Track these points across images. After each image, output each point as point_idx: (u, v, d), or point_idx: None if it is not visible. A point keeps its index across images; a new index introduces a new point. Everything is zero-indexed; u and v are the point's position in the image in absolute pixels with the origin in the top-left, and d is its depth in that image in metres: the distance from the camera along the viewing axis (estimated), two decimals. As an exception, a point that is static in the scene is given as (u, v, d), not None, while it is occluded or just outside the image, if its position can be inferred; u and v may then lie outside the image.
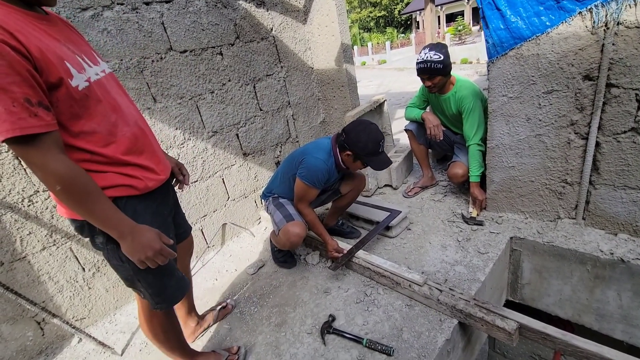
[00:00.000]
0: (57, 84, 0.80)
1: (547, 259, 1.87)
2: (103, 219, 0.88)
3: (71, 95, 0.83)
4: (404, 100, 7.01)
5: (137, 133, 1.02)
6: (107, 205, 0.89)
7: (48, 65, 0.77)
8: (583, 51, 1.52)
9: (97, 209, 0.86)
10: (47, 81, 0.78)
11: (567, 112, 1.66)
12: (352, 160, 1.79)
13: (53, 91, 0.80)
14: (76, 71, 0.86)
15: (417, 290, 1.60)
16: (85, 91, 0.87)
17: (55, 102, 0.81)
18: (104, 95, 0.94)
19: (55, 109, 0.81)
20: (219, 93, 2.26)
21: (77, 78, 0.85)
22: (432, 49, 2.09)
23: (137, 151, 1.01)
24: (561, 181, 1.82)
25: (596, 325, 1.85)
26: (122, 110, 0.99)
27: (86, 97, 0.88)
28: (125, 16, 1.79)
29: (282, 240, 1.85)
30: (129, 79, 1.85)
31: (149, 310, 1.18)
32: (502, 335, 1.37)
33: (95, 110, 0.90)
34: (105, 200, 0.89)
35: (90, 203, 0.85)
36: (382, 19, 35.97)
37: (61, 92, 0.81)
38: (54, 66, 0.79)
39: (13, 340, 1.68)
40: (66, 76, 0.82)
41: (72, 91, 0.83)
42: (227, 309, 1.79)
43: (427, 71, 2.10)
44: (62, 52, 0.84)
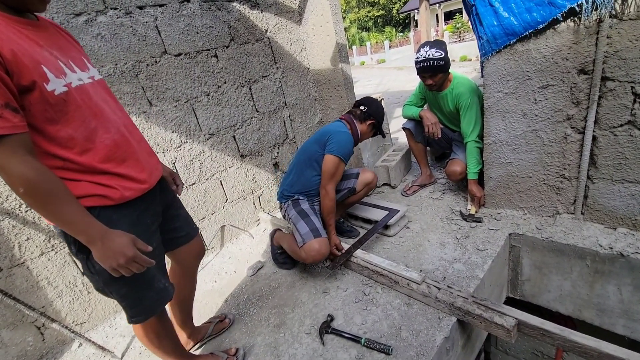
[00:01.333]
0: (30, 87, 0.80)
1: (547, 255, 1.86)
2: (69, 222, 0.85)
3: (45, 99, 0.83)
4: (403, 99, 7.00)
5: (118, 140, 1.00)
6: (75, 208, 0.85)
7: (20, 68, 0.77)
8: (577, 45, 1.51)
9: (63, 212, 0.84)
10: (18, 84, 0.77)
11: (563, 107, 1.65)
12: (370, 130, 2.05)
13: (26, 94, 0.79)
14: (54, 76, 0.85)
15: (416, 288, 1.59)
16: (62, 96, 0.86)
17: (27, 105, 0.80)
18: (85, 101, 0.93)
19: (28, 113, 0.81)
20: (215, 95, 2.26)
21: (53, 82, 0.85)
22: (432, 46, 2.06)
23: (117, 159, 0.99)
24: (559, 176, 1.81)
25: (597, 320, 1.84)
26: (105, 117, 0.98)
27: (63, 102, 0.87)
28: (119, 21, 1.80)
29: (301, 255, 1.78)
30: (124, 84, 1.85)
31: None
32: (500, 332, 1.36)
33: (74, 116, 0.89)
34: (73, 203, 0.86)
35: (55, 206, 0.82)
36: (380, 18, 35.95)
37: (34, 96, 0.81)
38: (27, 69, 0.79)
39: (13, 345, 1.69)
40: (41, 80, 0.81)
41: (46, 95, 0.83)
42: (224, 323, 1.71)
43: (429, 69, 2.07)
44: (41, 57, 0.84)
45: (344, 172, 2.15)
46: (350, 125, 1.99)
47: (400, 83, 10.24)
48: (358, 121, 2.01)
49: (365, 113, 2.00)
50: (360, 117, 2.01)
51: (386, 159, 2.88)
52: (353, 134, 1.97)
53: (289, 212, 1.94)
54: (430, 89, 2.22)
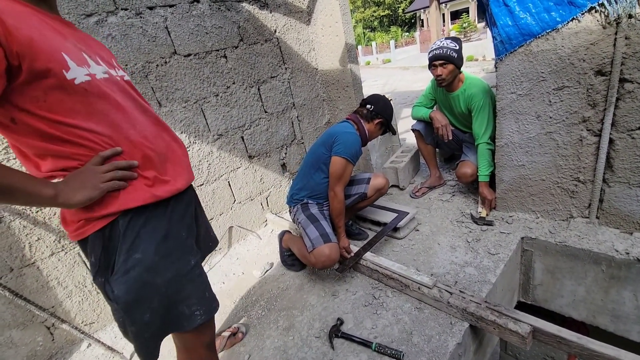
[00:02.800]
0: (44, 73, 0.75)
1: (560, 259, 1.83)
2: (14, 189, 0.73)
3: (63, 87, 0.78)
4: (410, 100, 6.96)
5: (146, 138, 0.94)
6: (16, 173, 0.75)
7: (35, 53, 0.73)
8: (595, 46, 1.48)
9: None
10: (31, 68, 0.73)
11: (579, 109, 1.62)
12: (378, 129, 2.00)
13: (39, 80, 0.75)
14: (75, 64, 0.81)
15: (427, 292, 1.57)
16: (84, 85, 0.82)
17: (42, 95, 0.76)
18: (110, 94, 0.88)
19: (43, 104, 0.76)
20: (224, 96, 2.26)
21: (74, 71, 0.80)
22: (447, 38, 2.10)
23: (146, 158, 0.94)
24: (573, 179, 1.78)
25: (611, 326, 1.80)
26: (130, 113, 0.92)
27: (85, 91, 0.82)
28: (129, 21, 1.79)
29: (311, 260, 1.76)
30: (134, 84, 1.85)
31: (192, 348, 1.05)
32: (515, 339, 1.33)
33: (96, 107, 0.84)
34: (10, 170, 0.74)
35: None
36: (386, 18, 35.83)
37: (49, 82, 0.76)
38: (44, 55, 0.75)
39: (23, 345, 1.69)
40: (59, 67, 0.77)
41: (65, 83, 0.78)
42: (236, 338, 1.64)
43: (441, 57, 2.05)
44: (62, 45, 0.80)
45: (355, 177, 2.13)
46: (357, 125, 1.96)
47: (406, 83, 10.19)
48: (365, 121, 1.96)
49: (371, 112, 1.95)
50: (367, 116, 1.96)
51: (394, 160, 2.85)
52: (360, 134, 1.94)
53: (298, 216, 1.93)
54: (439, 83, 2.16)
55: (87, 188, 0.81)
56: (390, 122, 2.01)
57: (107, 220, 0.86)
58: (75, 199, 0.80)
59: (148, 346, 0.93)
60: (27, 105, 0.75)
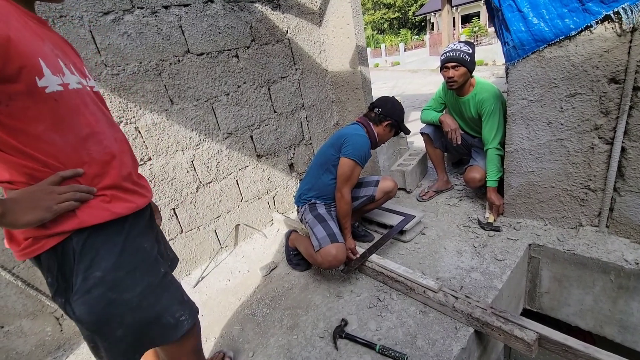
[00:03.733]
0: (13, 77, 0.69)
1: (568, 268, 1.81)
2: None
3: (31, 95, 0.72)
4: (419, 103, 6.94)
5: (109, 154, 0.89)
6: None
7: (11, 55, 0.68)
8: (609, 53, 1.47)
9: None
10: (1, 71, 0.67)
11: (591, 116, 1.61)
12: (389, 131, 1.97)
13: (5, 85, 0.69)
14: (50, 72, 0.76)
15: (432, 296, 1.57)
16: (54, 95, 0.76)
17: (4, 99, 0.69)
18: (80, 106, 0.83)
19: (4, 107, 0.69)
20: (234, 95, 2.28)
21: (48, 79, 0.75)
22: (461, 42, 2.10)
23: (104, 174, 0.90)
24: (583, 187, 1.76)
25: (619, 337, 1.78)
26: (100, 128, 0.88)
27: (54, 102, 0.76)
28: (144, 20, 1.82)
29: (317, 259, 1.76)
30: (147, 82, 1.88)
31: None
32: (520, 346, 1.32)
33: (64, 119, 0.79)
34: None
35: None
36: (395, 20, 35.76)
37: (16, 88, 0.70)
38: (18, 58, 0.69)
39: (33, 335, 1.73)
40: (33, 73, 0.72)
41: (34, 91, 0.72)
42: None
43: (454, 59, 2.05)
44: (39, 49, 0.75)
45: (363, 179, 2.14)
46: (366, 128, 1.96)
47: (415, 86, 10.15)
48: (374, 124, 1.96)
49: (380, 115, 1.94)
50: (376, 119, 1.95)
51: (402, 164, 2.85)
52: (370, 137, 1.94)
53: (305, 216, 1.94)
54: (450, 86, 2.15)
55: (38, 209, 0.74)
56: (401, 122, 1.99)
57: (59, 238, 0.80)
58: (24, 219, 0.73)
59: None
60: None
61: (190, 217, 2.22)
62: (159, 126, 1.97)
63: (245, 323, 1.76)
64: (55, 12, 1.56)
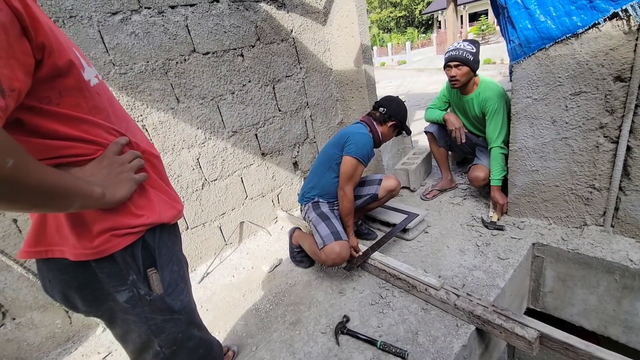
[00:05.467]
0: (64, 71, 0.62)
1: (572, 267, 1.80)
2: (70, 185, 0.60)
3: (81, 90, 0.66)
4: (424, 102, 6.90)
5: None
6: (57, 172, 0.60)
7: (58, 45, 0.60)
8: (614, 51, 1.46)
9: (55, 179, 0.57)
10: (54, 65, 0.60)
11: (596, 115, 1.60)
12: (392, 131, 2.00)
13: (57, 80, 0.61)
14: (86, 63, 0.69)
15: (434, 294, 1.58)
16: (96, 89, 0.70)
17: (55, 97, 0.62)
18: (111, 100, 0.79)
19: (56, 106, 0.62)
20: (239, 94, 2.30)
21: (88, 71, 0.68)
22: (465, 40, 2.11)
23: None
24: (588, 186, 1.75)
25: (623, 337, 1.77)
26: (129, 120, 0.85)
27: (98, 96, 0.71)
28: (152, 19, 1.86)
29: (321, 257, 1.77)
30: (154, 80, 1.91)
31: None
32: (521, 344, 1.33)
33: (108, 115, 0.74)
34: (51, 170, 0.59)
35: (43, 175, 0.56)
36: (402, 19, 35.55)
37: (68, 83, 0.63)
38: (63, 49, 0.61)
39: (43, 327, 1.78)
40: (77, 64, 0.65)
41: (83, 85, 0.66)
42: (227, 357, 1.54)
43: (456, 58, 2.06)
44: (69, 40, 0.68)
45: (366, 178, 2.15)
46: (370, 127, 1.97)
47: (421, 85, 10.10)
48: (378, 123, 1.97)
49: (384, 115, 1.95)
50: (380, 119, 1.97)
51: (406, 162, 2.85)
52: (373, 136, 1.95)
53: (309, 214, 1.96)
54: (453, 84, 2.16)
55: (123, 181, 0.70)
56: (404, 123, 2.01)
57: (141, 232, 0.77)
58: (119, 195, 0.70)
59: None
60: (35, 103, 0.60)
61: (196, 214, 2.25)
62: (166, 124, 2.01)
63: (248, 318, 1.79)
64: (65, 13, 1.60)
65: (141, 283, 0.78)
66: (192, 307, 0.93)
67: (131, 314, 0.79)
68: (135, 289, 0.77)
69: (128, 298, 0.77)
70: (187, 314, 0.89)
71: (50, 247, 0.72)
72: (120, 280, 0.76)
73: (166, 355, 0.87)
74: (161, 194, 0.84)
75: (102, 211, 0.71)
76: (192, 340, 0.92)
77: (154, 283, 0.80)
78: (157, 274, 0.80)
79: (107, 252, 0.72)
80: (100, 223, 0.71)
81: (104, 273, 0.74)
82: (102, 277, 0.74)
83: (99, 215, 0.71)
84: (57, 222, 0.71)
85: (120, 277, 0.75)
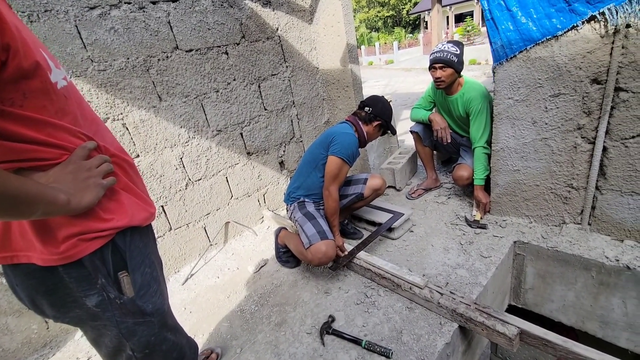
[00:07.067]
0: (30, 73, 0.61)
1: (551, 264, 1.85)
2: (32, 191, 0.58)
3: (47, 93, 0.64)
4: (410, 101, 6.97)
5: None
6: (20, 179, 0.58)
7: (25, 47, 0.59)
8: (591, 54, 1.50)
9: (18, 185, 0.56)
10: (19, 67, 0.58)
11: (574, 116, 1.64)
12: (377, 130, 2.01)
13: (21, 82, 0.60)
14: (54, 64, 0.67)
15: (418, 292, 1.59)
16: (63, 91, 0.68)
17: (19, 99, 0.60)
18: (81, 103, 0.77)
19: (19, 108, 0.60)
20: (224, 92, 2.27)
21: (55, 73, 0.66)
22: (449, 42, 2.13)
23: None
24: (567, 186, 1.80)
25: (600, 332, 1.83)
26: (98, 123, 0.82)
27: (65, 99, 0.68)
28: (132, 15, 1.81)
29: (307, 256, 1.76)
30: (135, 78, 1.86)
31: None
32: (502, 341, 1.35)
33: (75, 119, 0.71)
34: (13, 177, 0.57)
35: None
36: (390, 18, 35.79)
37: (33, 85, 0.62)
38: (29, 50, 0.60)
39: (19, 332, 1.71)
40: (44, 66, 0.64)
41: (49, 87, 0.64)
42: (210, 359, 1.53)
43: (440, 60, 2.08)
44: (37, 40, 0.67)
45: (352, 177, 2.15)
46: (355, 127, 1.97)
47: (408, 85, 10.19)
48: (363, 123, 1.97)
49: (370, 114, 1.95)
50: (365, 118, 1.97)
51: (392, 162, 2.87)
52: (359, 136, 1.95)
53: (295, 214, 1.95)
54: (437, 85, 2.19)
55: (90, 187, 0.68)
56: (389, 123, 2.02)
57: (110, 235, 0.75)
58: (85, 201, 0.67)
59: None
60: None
61: (179, 215, 2.21)
62: (147, 123, 1.96)
63: (233, 320, 1.77)
64: (40, 7, 1.54)
65: (111, 287, 0.76)
66: (165, 310, 0.91)
67: (101, 318, 0.78)
68: (105, 292, 0.76)
69: (97, 302, 0.76)
70: (159, 317, 0.87)
71: (15, 252, 0.70)
72: (89, 285, 0.74)
73: (138, 358, 0.86)
74: (132, 196, 0.83)
75: (67, 216, 0.68)
76: (165, 343, 0.90)
77: (125, 286, 0.78)
78: (128, 277, 0.78)
79: (74, 257, 0.70)
80: (66, 228, 0.69)
81: (72, 278, 0.72)
82: (70, 282, 0.72)
83: (64, 220, 0.68)
84: (21, 228, 0.69)
85: (89, 282, 0.74)
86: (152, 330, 0.86)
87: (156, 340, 0.88)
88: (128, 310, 0.80)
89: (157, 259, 0.93)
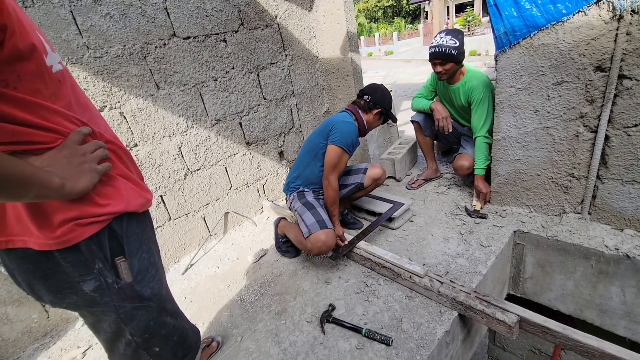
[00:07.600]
0: (26, 55, 0.60)
1: (551, 254, 1.86)
2: (28, 174, 0.58)
3: (41, 76, 0.64)
4: (410, 92, 6.92)
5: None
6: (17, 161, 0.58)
7: (21, 28, 0.59)
8: (595, 41, 1.47)
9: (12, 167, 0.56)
10: (14, 47, 0.58)
11: (577, 104, 1.62)
12: (378, 119, 1.99)
13: (17, 64, 0.59)
14: (50, 48, 0.67)
15: (418, 281, 1.59)
16: (58, 75, 0.68)
17: (13, 80, 0.59)
18: (75, 87, 0.76)
19: (12, 90, 0.60)
20: (223, 81, 2.24)
21: (51, 57, 0.66)
22: (448, 33, 2.05)
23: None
24: (568, 175, 1.79)
25: (598, 320, 1.84)
26: (92, 109, 0.81)
27: (59, 83, 0.68)
28: (128, 1, 1.77)
29: (307, 245, 1.76)
30: (132, 65, 1.83)
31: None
32: (502, 328, 1.36)
33: (68, 104, 0.71)
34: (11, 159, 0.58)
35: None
36: (389, 8, 35.30)
37: (28, 68, 0.61)
38: (25, 32, 0.60)
39: (19, 321, 1.71)
40: (40, 49, 0.63)
41: (44, 71, 0.64)
42: (211, 348, 1.52)
43: (440, 56, 2.04)
44: (33, 23, 0.67)
45: (352, 167, 2.14)
46: (355, 115, 1.95)
47: (407, 75, 10.12)
48: (363, 111, 1.95)
49: (369, 102, 1.94)
50: (365, 107, 1.95)
51: (392, 152, 2.86)
52: (359, 125, 1.93)
53: (294, 204, 1.94)
54: (439, 77, 2.16)
55: (85, 172, 0.68)
56: (390, 110, 2.00)
57: (107, 220, 0.74)
58: (80, 185, 0.67)
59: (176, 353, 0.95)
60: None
61: (179, 205, 2.20)
62: (145, 111, 1.93)
63: (233, 309, 1.77)
64: (33, -9, 1.50)
65: (108, 271, 0.76)
66: (164, 294, 0.91)
67: (99, 303, 0.78)
68: (102, 277, 0.76)
69: (95, 287, 0.76)
70: (158, 301, 0.87)
71: (11, 237, 0.69)
72: (86, 270, 0.74)
73: (138, 343, 0.86)
74: (129, 182, 0.82)
75: (63, 201, 0.68)
76: (164, 327, 0.90)
77: (122, 271, 0.78)
78: (125, 262, 0.78)
79: (71, 242, 0.70)
80: (62, 213, 0.68)
81: (68, 262, 0.72)
82: (66, 267, 0.72)
83: (60, 205, 0.68)
84: (17, 213, 0.68)
85: (86, 267, 0.74)
86: (151, 314, 0.86)
87: (155, 325, 0.88)
88: (126, 295, 0.80)
89: (154, 245, 0.93)
